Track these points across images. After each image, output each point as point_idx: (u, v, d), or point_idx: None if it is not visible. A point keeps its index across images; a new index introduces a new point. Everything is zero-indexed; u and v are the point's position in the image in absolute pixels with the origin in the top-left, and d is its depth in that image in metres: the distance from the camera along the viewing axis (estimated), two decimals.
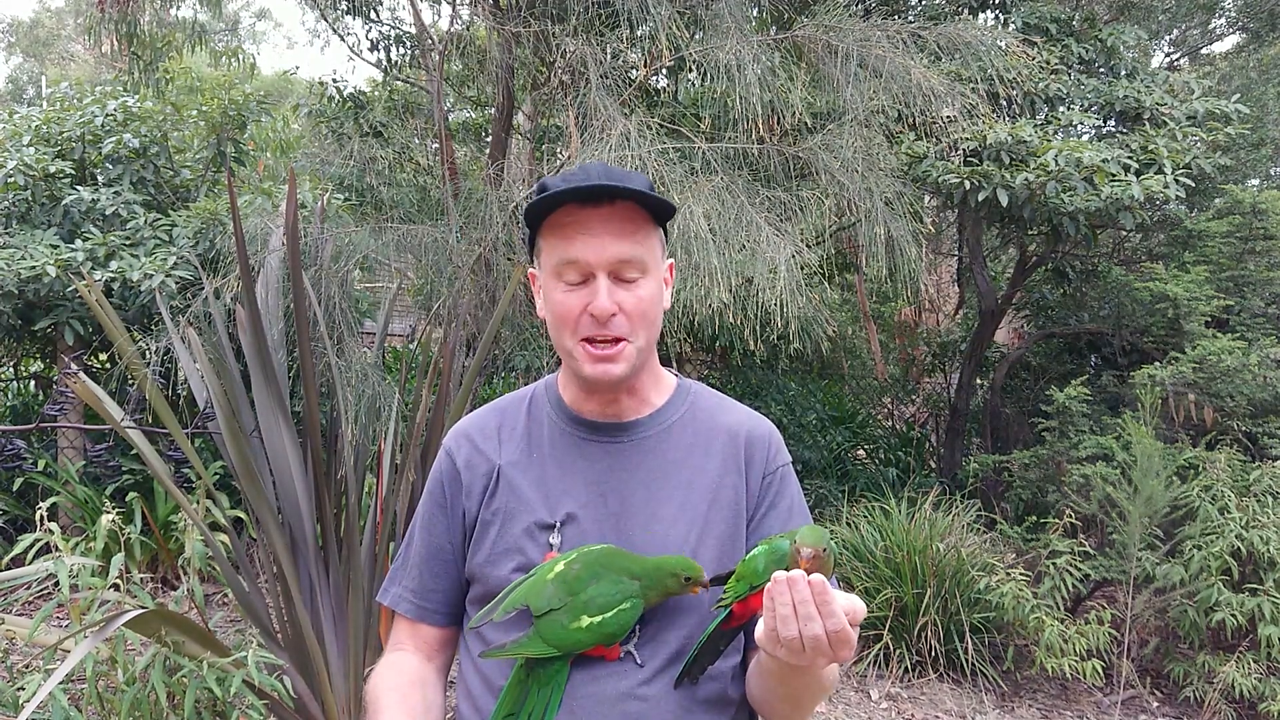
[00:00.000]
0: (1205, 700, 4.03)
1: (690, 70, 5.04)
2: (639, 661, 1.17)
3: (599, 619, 1.13)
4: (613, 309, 1.17)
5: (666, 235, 1.29)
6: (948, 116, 4.73)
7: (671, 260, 1.31)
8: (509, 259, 4.68)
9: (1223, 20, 9.68)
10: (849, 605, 0.99)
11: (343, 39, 6.66)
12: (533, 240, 1.26)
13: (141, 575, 3.18)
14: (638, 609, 1.15)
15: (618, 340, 1.18)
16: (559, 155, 5.21)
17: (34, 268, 4.40)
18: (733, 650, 1.22)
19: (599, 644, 1.15)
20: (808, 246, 4.56)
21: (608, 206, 1.17)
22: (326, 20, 6.58)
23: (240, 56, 7.50)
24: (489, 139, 6.76)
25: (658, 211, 1.22)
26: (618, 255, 1.17)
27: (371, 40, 6.65)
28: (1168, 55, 10.39)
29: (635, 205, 1.19)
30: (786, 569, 1.05)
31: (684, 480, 1.24)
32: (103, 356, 5.39)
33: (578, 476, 1.24)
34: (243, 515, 3.27)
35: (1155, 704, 4.35)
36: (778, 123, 4.52)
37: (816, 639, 0.96)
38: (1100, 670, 4.05)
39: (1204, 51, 10.44)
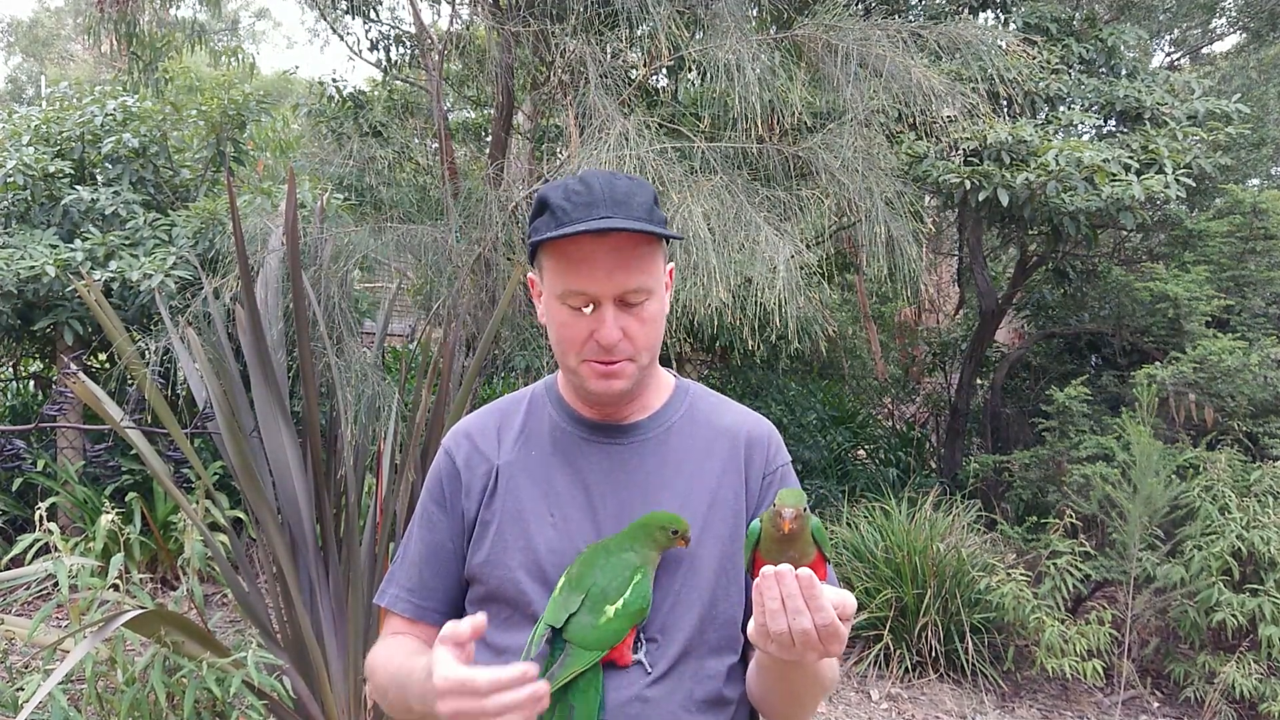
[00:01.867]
0: (1206, 700, 4.03)
1: (690, 70, 5.04)
2: (649, 669, 1.17)
3: (621, 602, 1.13)
4: (619, 338, 1.17)
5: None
6: (948, 116, 4.72)
7: (672, 265, 1.31)
8: (509, 259, 4.67)
9: (1223, 20, 9.68)
10: (838, 600, 0.99)
11: (342, 39, 6.66)
12: (533, 250, 1.24)
13: (141, 575, 3.17)
14: (647, 574, 1.15)
15: (622, 361, 1.19)
16: (559, 155, 5.21)
17: (33, 267, 4.40)
18: (728, 650, 1.22)
19: (632, 626, 1.15)
20: (807, 246, 4.56)
21: (614, 235, 1.16)
22: (326, 20, 6.58)
23: (240, 56, 7.50)
24: (489, 139, 6.76)
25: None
26: (623, 286, 1.16)
27: (371, 40, 6.65)
28: (1168, 55, 10.39)
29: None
30: (764, 542, 1.06)
31: (684, 482, 1.24)
32: (102, 356, 5.39)
33: (577, 478, 1.24)
34: (242, 515, 3.27)
35: (1156, 704, 4.34)
36: (777, 122, 4.52)
37: (805, 633, 0.97)
38: (1101, 670, 4.05)
39: (1204, 51, 10.44)
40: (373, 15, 6.46)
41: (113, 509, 2.70)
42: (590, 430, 1.27)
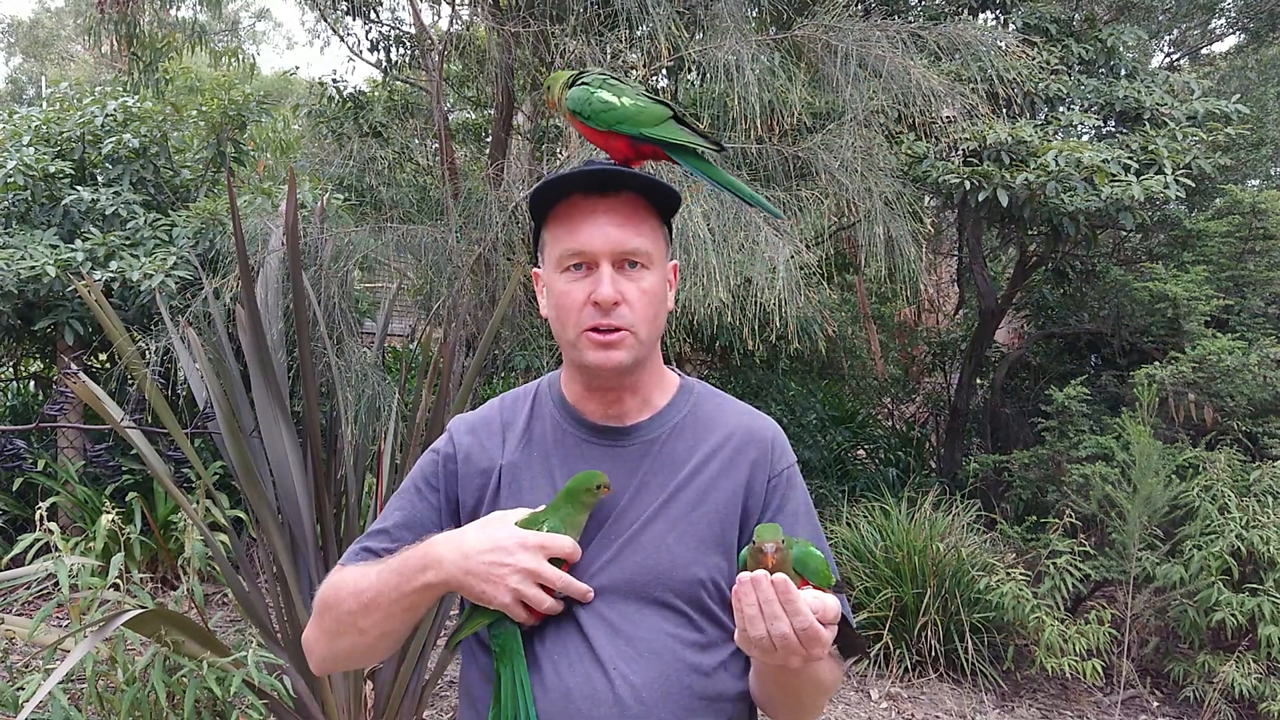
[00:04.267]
0: (1205, 700, 4.03)
1: (689, 70, 5.04)
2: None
3: None
4: (616, 297, 1.17)
5: (670, 233, 1.29)
6: (948, 116, 4.73)
7: (675, 262, 1.31)
8: (509, 259, 4.68)
9: (1223, 20, 9.67)
10: (817, 604, 1.00)
11: (343, 39, 6.66)
12: (537, 234, 1.26)
13: (141, 575, 3.18)
14: (557, 526, 1.16)
15: (620, 330, 1.18)
16: (559, 155, 5.22)
17: (34, 268, 4.40)
18: (715, 649, 1.21)
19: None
20: (807, 247, 4.56)
21: (613, 196, 1.18)
22: (326, 20, 6.59)
23: (240, 57, 7.51)
24: (489, 139, 6.77)
25: (663, 206, 1.23)
26: (622, 244, 1.17)
27: (371, 40, 6.66)
28: (1168, 55, 10.38)
29: (641, 198, 1.20)
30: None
31: (675, 481, 1.23)
32: (102, 356, 5.39)
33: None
34: (243, 515, 3.28)
35: (1155, 704, 4.35)
36: (777, 123, 4.52)
37: (784, 637, 0.98)
38: (1100, 670, 4.05)
39: (1204, 51, 10.44)
40: (373, 16, 6.46)
41: (113, 509, 2.71)
42: (592, 432, 1.26)
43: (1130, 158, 4.93)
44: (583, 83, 1.26)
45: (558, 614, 1.17)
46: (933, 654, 4.41)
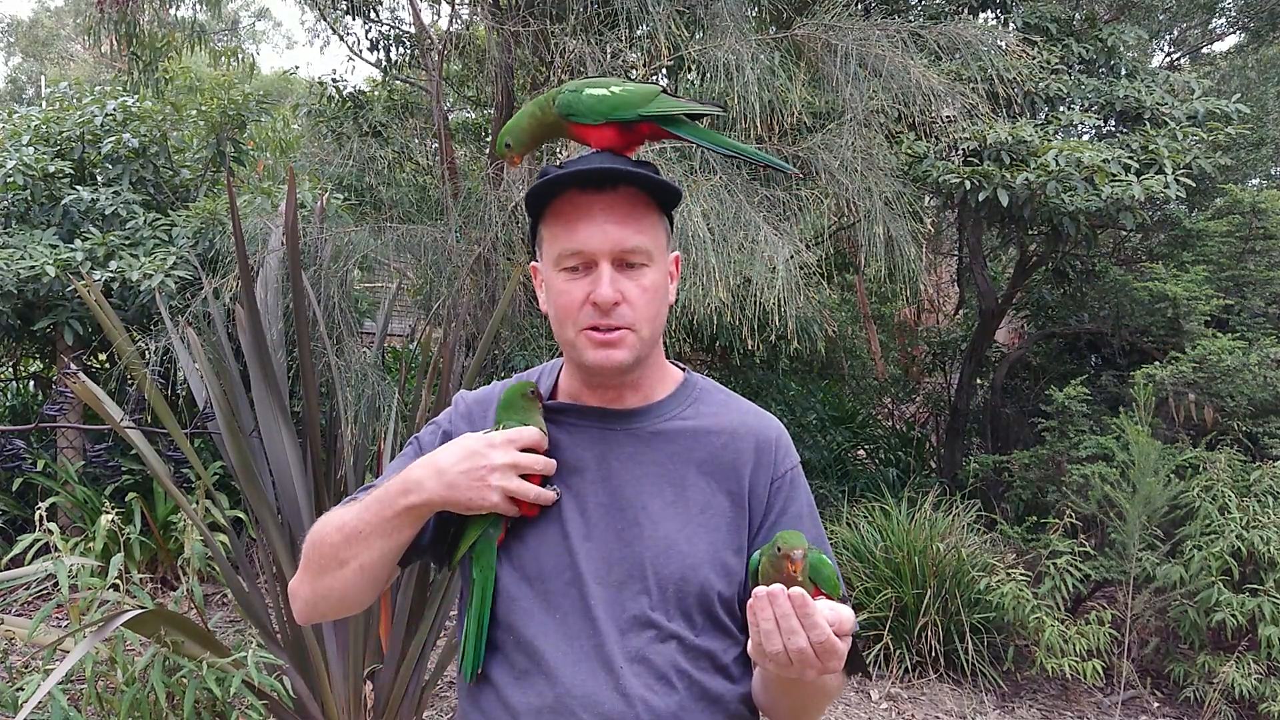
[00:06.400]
0: (1205, 700, 4.03)
1: (689, 70, 5.04)
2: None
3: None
4: (616, 297, 1.14)
5: (671, 225, 1.26)
6: (948, 116, 4.73)
7: (677, 253, 1.29)
8: (509, 259, 4.68)
9: (1223, 20, 9.67)
10: (834, 616, 0.99)
11: (342, 39, 6.67)
12: (534, 231, 1.24)
13: (141, 575, 3.18)
14: (515, 421, 1.20)
15: (621, 329, 1.16)
16: (559, 155, 5.21)
17: (33, 268, 4.40)
18: (718, 654, 1.20)
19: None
20: (807, 246, 4.56)
21: (610, 192, 1.15)
22: (326, 20, 6.59)
23: (239, 56, 7.51)
24: (489, 139, 6.77)
25: (663, 199, 1.21)
26: (621, 242, 1.15)
27: (371, 40, 6.66)
28: (1168, 55, 10.38)
29: (640, 191, 1.17)
30: (763, 579, 1.05)
31: (679, 479, 1.21)
32: (102, 356, 5.39)
33: (572, 465, 1.22)
34: (242, 515, 3.27)
35: (1155, 704, 4.35)
36: (777, 122, 4.52)
37: (801, 651, 0.97)
38: (1100, 670, 4.05)
39: (1204, 51, 10.44)
40: (373, 15, 6.46)
41: (113, 509, 2.71)
42: (580, 415, 1.24)
43: (1130, 157, 4.93)
44: (569, 90, 1.24)
45: (569, 606, 1.16)
46: (933, 654, 4.41)
